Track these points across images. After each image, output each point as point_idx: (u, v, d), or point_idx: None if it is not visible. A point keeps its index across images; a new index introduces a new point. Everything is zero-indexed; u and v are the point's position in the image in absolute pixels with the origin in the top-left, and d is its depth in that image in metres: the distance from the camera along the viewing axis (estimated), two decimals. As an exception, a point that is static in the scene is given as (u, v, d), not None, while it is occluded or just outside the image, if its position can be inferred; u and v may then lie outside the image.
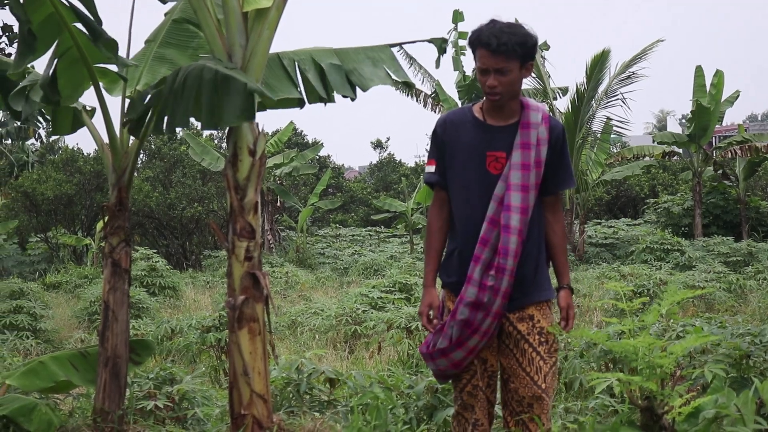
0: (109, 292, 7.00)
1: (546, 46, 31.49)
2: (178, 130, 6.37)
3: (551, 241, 5.10)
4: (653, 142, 33.04)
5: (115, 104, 7.40)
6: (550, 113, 5.06)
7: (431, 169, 5.16)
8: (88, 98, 7.39)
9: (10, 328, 14.53)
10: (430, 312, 5.09)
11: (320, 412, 7.19)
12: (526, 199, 4.86)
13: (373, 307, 14.17)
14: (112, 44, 6.23)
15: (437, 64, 9.29)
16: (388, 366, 10.79)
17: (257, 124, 6.01)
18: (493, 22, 4.80)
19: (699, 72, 31.45)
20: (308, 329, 14.27)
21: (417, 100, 32.53)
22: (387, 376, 7.65)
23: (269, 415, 5.92)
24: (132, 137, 7.02)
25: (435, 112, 32.61)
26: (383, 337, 12.24)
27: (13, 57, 7.59)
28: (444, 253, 5.18)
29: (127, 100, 7.24)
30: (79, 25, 6.36)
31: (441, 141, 5.09)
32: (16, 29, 15.32)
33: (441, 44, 7.66)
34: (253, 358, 5.80)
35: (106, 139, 7.11)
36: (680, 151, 35.31)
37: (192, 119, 5.77)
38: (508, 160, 4.89)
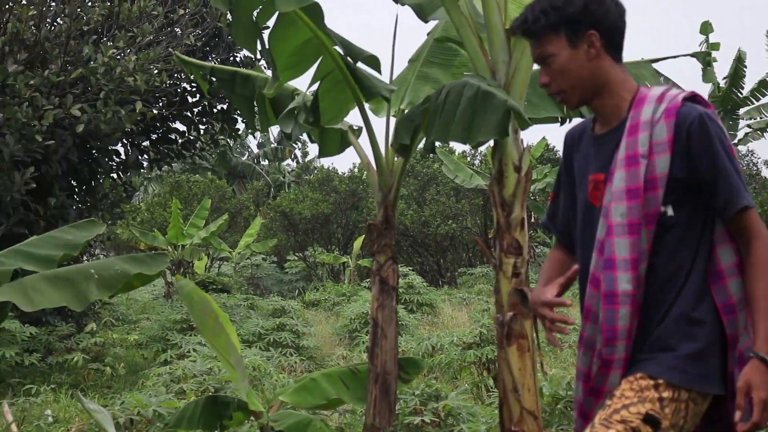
0: (377, 310, 7.10)
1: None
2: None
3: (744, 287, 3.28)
4: None
5: (379, 124, 7.54)
6: (693, 103, 3.36)
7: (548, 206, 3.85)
8: (352, 118, 7.55)
9: (274, 345, 14.90)
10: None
11: (589, 430, 7.10)
12: (636, 246, 3.28)
13: (633, 323, 13.87)
14: (374, 60, 6.35)
15: (704, 78, 9.00)
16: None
17: (522, 140, 5.97)
18: None
19: None
20: (568, 346, 14.13)
21: (669, 115, 31.84)
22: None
23: (539, 432, 5.87)
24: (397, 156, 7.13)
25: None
26: (644, 353, 12.01)
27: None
28: None
29: (392, 120, 7.35)
30: (339, 48, 6.51)
31: (561, 165, 3.79)
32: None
33: (704, 57, 7.50)
34: (522, 374, 5.74)
35: (371, 159, 7.24)
36: None
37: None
38: (608, 185, 3.39)
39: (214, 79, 8.10)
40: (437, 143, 6.17)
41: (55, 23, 13.95)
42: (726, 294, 3.24)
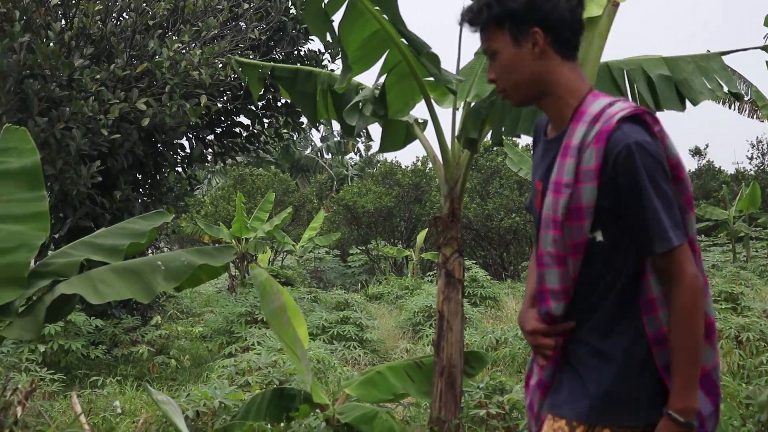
0: (443, 302, 7.08)
1: None
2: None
3: None
4: None
5: (446, 116, 7.52)
6: (633, 123, 3.00)
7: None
8: (418, 111, 7.54)
9: (338, 338, 14.93)
10: None
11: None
12: (565, 277, 3.11)
13: (699, 318, 13.80)
14: (434, 58, 6.32)
15: (771, 70, 8.81)
16: (719, 377, 10.49)
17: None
18: None
19: None
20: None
21: (731, 107, 31.42)
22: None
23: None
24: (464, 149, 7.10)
25: (752, 118, 31.47)
26: (712, 347, 11.93)
27: (334, 72, 7.90)
28: None
29: (458, 112, 7.32)
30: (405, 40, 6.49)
31: None
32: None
33: (775, 51, 7.37)
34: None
35: (438, 151, 7.22)
36: None
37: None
38: (544, 199, 3.18)
39: (271, 81, 8.11)
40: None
41: (120, 18, 14.05)
42: (657, 324, 3.02)
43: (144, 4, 13.43)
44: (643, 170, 2.90)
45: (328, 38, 6.53)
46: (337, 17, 6.46)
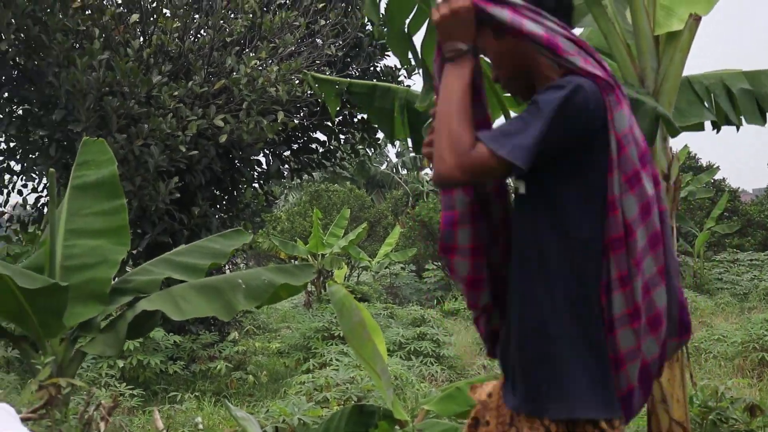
0: (521, 319, 7.03)
1: None
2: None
3: None
4: None
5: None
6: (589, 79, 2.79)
7: None
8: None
9: (415, 354, 14.87)
10: None
11: (740, 443, 6.94)
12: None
13: (781, 334, 13.60)
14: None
15: None
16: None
17: (670, 148, 5.86)
18: None
19: None
20: (712, 356, 13.86)
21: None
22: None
23: (689, 444, 5.73)
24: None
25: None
26: (794, 365, 11.77)
27: (411, 88, 7.88)
28: None
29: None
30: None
31: None
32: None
33: None
34: (671, 385, 5.61)
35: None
36: None
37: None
38: None
39: (349, 96, 8.08)
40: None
41: (198, 35, 14.18)
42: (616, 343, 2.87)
43: (222, 22, 13.53)
44: (557, 97, 2.72)
45: (411, 59, 6.48)
46: (417, 37, 6.47)
